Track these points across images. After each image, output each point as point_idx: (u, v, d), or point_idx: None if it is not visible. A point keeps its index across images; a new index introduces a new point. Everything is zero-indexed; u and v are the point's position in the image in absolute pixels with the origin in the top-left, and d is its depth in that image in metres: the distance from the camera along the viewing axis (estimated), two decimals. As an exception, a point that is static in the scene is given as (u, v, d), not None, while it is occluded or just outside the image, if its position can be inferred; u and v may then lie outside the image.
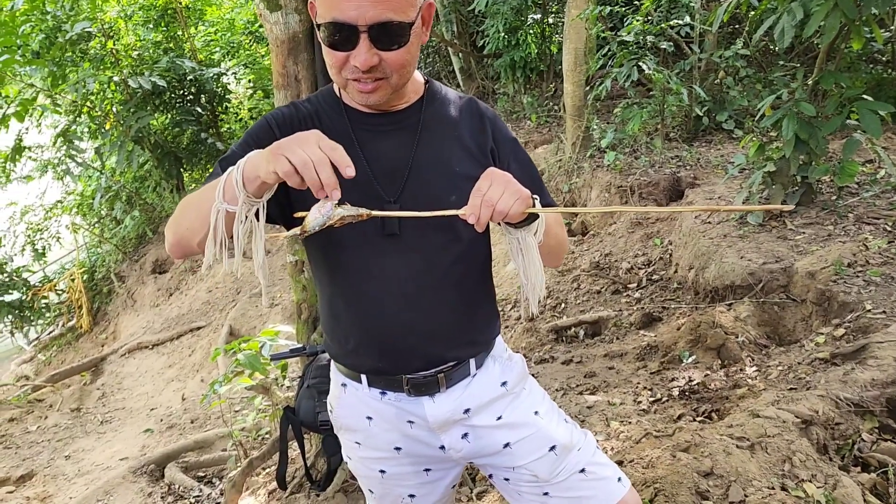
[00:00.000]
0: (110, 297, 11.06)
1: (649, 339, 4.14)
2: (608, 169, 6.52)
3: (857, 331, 3.16)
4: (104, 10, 9.52)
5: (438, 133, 1.41)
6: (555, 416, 1.55)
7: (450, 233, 1.39)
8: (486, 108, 1.50)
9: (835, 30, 3.64)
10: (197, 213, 1.21)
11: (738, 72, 6.76)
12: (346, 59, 1.22)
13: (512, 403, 1.52)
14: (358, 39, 1.18)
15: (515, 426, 1.49)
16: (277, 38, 2.62)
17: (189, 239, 1.25)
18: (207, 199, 1.17)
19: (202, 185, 1.28)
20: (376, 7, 1.16)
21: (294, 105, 1.43)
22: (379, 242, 1.36)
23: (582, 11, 6.25)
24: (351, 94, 1.30)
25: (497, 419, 1.49)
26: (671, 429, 2.67)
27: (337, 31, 1.19)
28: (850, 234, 4.05)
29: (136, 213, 11.25)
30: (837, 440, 2.50)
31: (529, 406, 1.53)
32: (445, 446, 1.50)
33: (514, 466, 1.50)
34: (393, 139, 1.38)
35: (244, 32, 12.13)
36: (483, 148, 1.43)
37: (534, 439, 1.49)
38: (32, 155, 10.69)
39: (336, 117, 1.38)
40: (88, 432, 6.53)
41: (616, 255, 5.62)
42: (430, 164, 1.38)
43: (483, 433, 1.49)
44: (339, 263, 1.40)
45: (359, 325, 1.43)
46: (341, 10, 1.16)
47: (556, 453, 1.48)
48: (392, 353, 1.43)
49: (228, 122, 11.92)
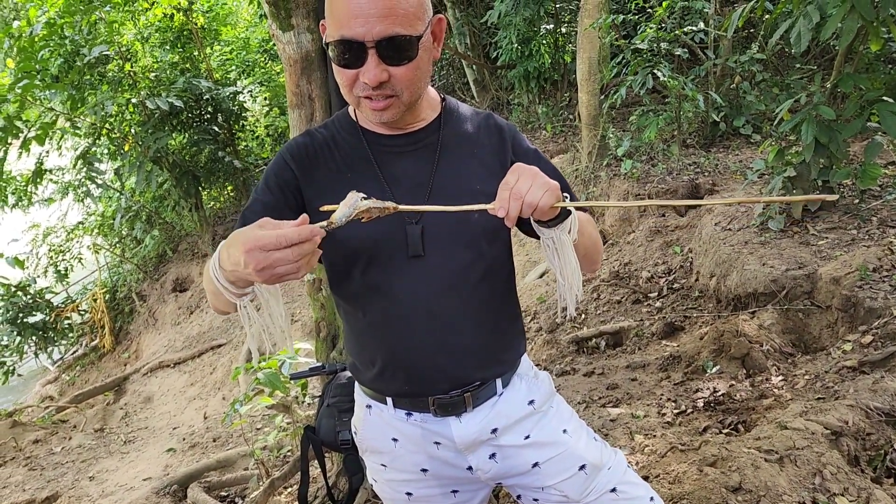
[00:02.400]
0: (132, 316, 11.16)
1: (672, 349, 4.09)
2: (625, 177, 6.48)
3: (884, 337, 3.10)
4: (121, 33, 9.64)
5: (458, 152, 1.40)
6: (583, 434, 1.52)
7: (474, 251, 1.37)
8: (503, 121, 1.48)
9: (852, 32, 3.59)
10: (218, 299, 1.21)
11: (754, 76, 6.70)
12: (356, 76, 1.21)
13: (540, 422, 1.49)
14: (366, 56, 1.18)
15: (544, 445, 1.47)
16: (290, 58, 2.62)
17: (224, 309, 1.26)
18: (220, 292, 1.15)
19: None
20: (383, 22, 1.15)
21: (309, 133, 1.42)
22: (404, 264, 1.34)
23: (595, 21, 6.24)
24: (364, 113, 1.30)
25: (525, 438, 1.47)
26: (697, 442, 2.62)
27: (346, 49, 1.18)
28: (875, 237, 3.98)
29: (156, 233, 11.35)
30: (869, 451, 2.44)
31: (558, 424, 1.50)
32: (473, 467, 1.48)
33: (543, 486, 1.47)
34: (412, 160, 1.37)
35: (259, 51, 12.24)
36: (504, 163, 1.41)
37: (563, 458, 1.46)
38: (53, 178, 10.84)
39: (353, 141, 1.38)
40: (112, 452, 6.56)
41: (636, 263, 5.57)
42: (450, 183, 1.36)
43: (511, 453, 1.47)
44: (364, 287, 1.39)
45: (385, 349, 1.41)
46: (349, 27, 1.16)
47: (586, 472, 1.45)
48: (419, 375, 1.41)
49: (245, 139, 12.02)
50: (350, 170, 1.36)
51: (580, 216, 1.31)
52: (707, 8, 6.78)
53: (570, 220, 1.25)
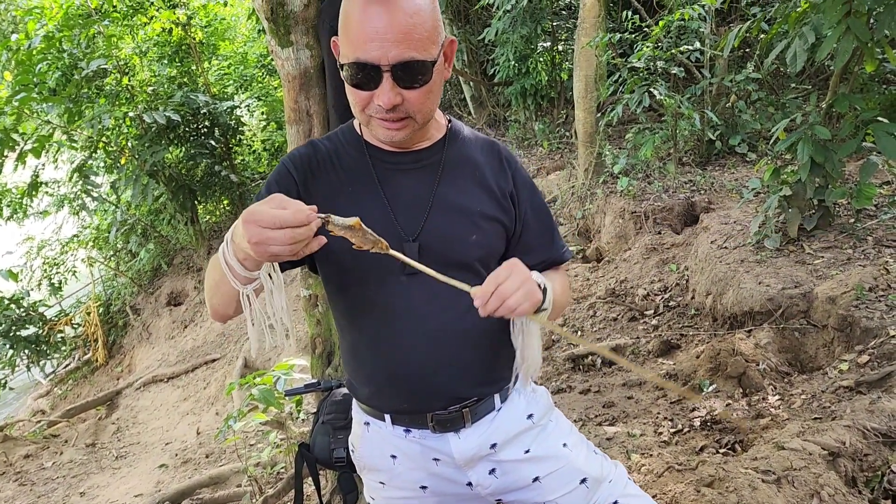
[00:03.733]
0: (126, 329, 11.10)
1: (668, 368, 4.07)
2: (621, 195, 6.49)
3: (881, 357, 3.10)
4: (120, 47, 9.68)
5: (460, 172, 1.41)
6: (583, 448, 1.53)
7: (471, 270, 1.38)
8: (507, 151, 1.50)
9: (848, 53, 3.61)
10: (219, 293, 1.23)
11: (749, 95, 6.74)
12: (370, 98, 1.22)
13: (539, 436, 1.49)
14: (381, 79, 1.19)
15: (544, 459, 1.47)
16: (289, 74, 2.63)
17: (224, 310, 1.27)
18: (222, 281, 1.18)
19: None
20: (399, 47, 1.16)
21: (312, 144, 1.42)
22: (401, 282, 1.35)
23: (591, 39, 6.28)
24: (375, 132, 1.30)
25: (525, 452, 1.47)
26: (694, 462, 2.61)
27: (360, 71, 1.19)
28: (870, 257, 3.99)
29: (152, 246, 11.32)
30: (866, 472, 2.43)
31: (557, 438, 1.51)
32: (473, 483, 1.47)
33: (544, 501, 1.47)
34: (414, 178, 1.38)
35: (257, 66, 12.27)
36: (503, 190, 1.43)
37: (563, 473, 1.46)
38: (49, 190, 10.81)
39: (356, 155, 1.38)
40: (103, 468, 6.50)
41: (632, 281, 5.56)
42: (450, 202, 1.37)
43: (511, 468, 1.47)
44: (362, 304, 1.39)
45: (383, 366, 1.41)
46: (364, 50, 1.17)
47: (587, 486, 1.45)
48: (417, 392, 1.41)
49: (242, 153, 12.02)
50: (351, 184, 1.36)
51: (555, 289, 1.36)
52: (703, 27, 6.82)
53: (543, 314, 1.29)
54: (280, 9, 2.54)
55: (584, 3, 6.40)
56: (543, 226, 1.49)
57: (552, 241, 1.51)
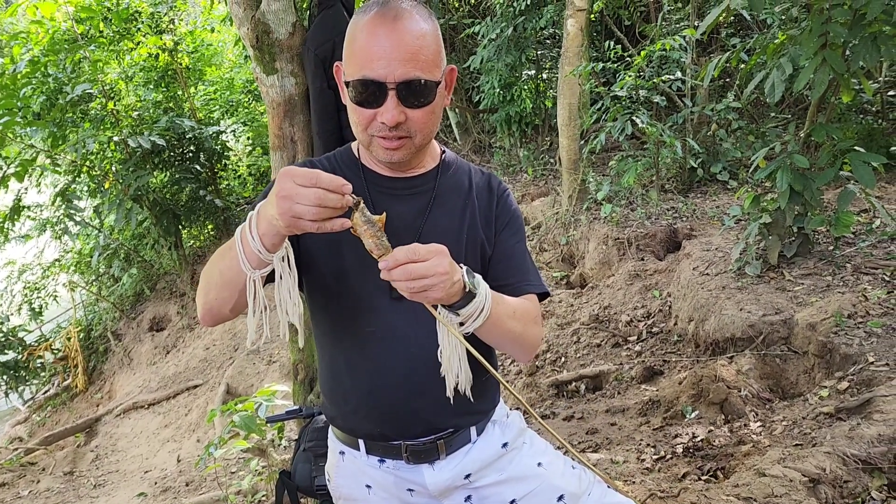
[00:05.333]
0: (106, 355, 10.95)
1: (651, 394, 4.08)
2: (605, 221, 6.54)
3: (860, 384, 3.12)
4: (105, 71, 9.67)
5: (451, 200, 1.43)
6: (560, 464, 1.54)
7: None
8: (498, 182, 1.53)
9: (824, 84, 3.69)
10: (222, 282, 1.21)
11: (730, 124, 6.85)
12: (374, 116, 1.24)
13: (514, 459, 1.51)
14: (386, 96, 1.21)
15: (520, 480, 1.48)
16: (274, 101, 2.65)
17: (220, 308, 1.25)
18: (229, 267, 1.18)
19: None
20: (405, 66, 1.19)
21: (311, 162, 1.44)
22: (386, 305, 1.36)
23: (575, 68, 6.36)
24: (375, 152, 1.31)
25: (500, 475, 1.48)
26: (676, 489, 2.61)
27: (366, 89, 1.21)
28: (849, 284, 4.04)
29: (134, 271, 11.22)
30: (846, 499, 2.44)
31: (532, 459, 1.52)
32: None
33: None
34: (407, 203, 1.40)
35: (243, 91, 12.31)
36: (489, 217, 1.46)
37: (540, 492, 1.47)
38: (31, 214, 10.72)
39: (352, 177, 1.38)
40: (81, 497, 6.38)
41: (615, 307, 5.59)
42: (441, 229, 1.39)
43: (487, 492, 1.48)
44: (345, 325, 1.40)
45: (361, 388, 1.41)
46: (371, 68, 1.19)
47: (564, 502, 1.46)
48: (394, 417, 1.41)
49: (227, 178, 12.00)
50: None
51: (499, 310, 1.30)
52: (684, 58, 6.94)
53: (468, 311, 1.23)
54: (265, 37, 2.56)
55: (568, 32, 6.50)
56: (518, 254, 1.48)
57: (525, 269, 1.48)
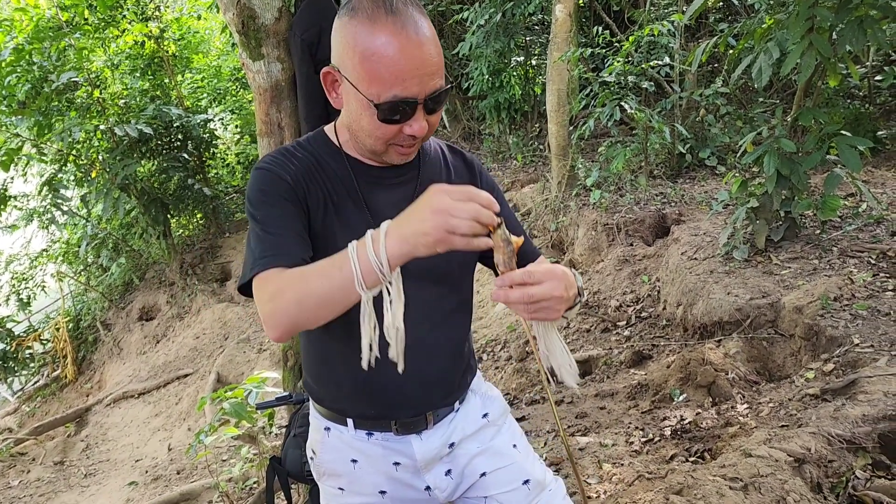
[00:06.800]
0: (96, 345, 10.92)
1: (640, 378, 4.11)
2: (594, 207, 6.56)
3: (845, 365, 3.15)
4: (91, 59, 9.58)
5: None
6: (531, 453, 1.61)
7: (448, 283, 1.43)
8: (471, 156, 1.56)
9: (811, 68, 3.70)
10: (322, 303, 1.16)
11: (718, 109, 6.87)
12: (400, 129, 1.24)
13: (495, 436, 1.56)
14: (415, 111, 1.22)
15: (494, 455, 1.53)
16: (260, 87, 2.64)
17: (309, 324, 1.20)
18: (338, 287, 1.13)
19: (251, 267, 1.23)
20: (433, 79, 1.20)
21: (286, 150, 1.39)
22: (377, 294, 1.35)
23: (564, 53, 6.35)
24: (387, 158, 1.32)
25: (479, 447, 1.53)
26: (664, 470, 2.63)
27: (397, 108, 1.21)
28: (835, 267, 4.07)
29: (123, 260, 11.17)
30: (831, 478, 2.47)
31: (509, 439, 1.58)
32: (431, 486, 1.51)
33: (486, 496, 1.53)
34: (394, 193, 1.39)
35: (231, 79, 12.23)
36: None
37: (509, 470, 1.52)
38: (18, 204, 10.64)
39: (337, 166, 1.38)
40: (72, 486, 6.38)
41: (604, 292, 5.61)
42: None
43: (465, 463, 1.52)
44: None
45: (351, 374, 1.41)
46: (405, 87, 1.18)
47: (528, 488, 1.51)
48: (385, 400, 1.43)
49: (216, 167, 11.96)
50: (334, 195, 1.35)
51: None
52: (672, 43, 6.95)
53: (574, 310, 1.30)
54: (251, 22, 2.55)
55: (556, 18, 6.48)
56: (513, 220, 1.51)
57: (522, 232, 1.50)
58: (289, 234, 1.25)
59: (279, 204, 1.28)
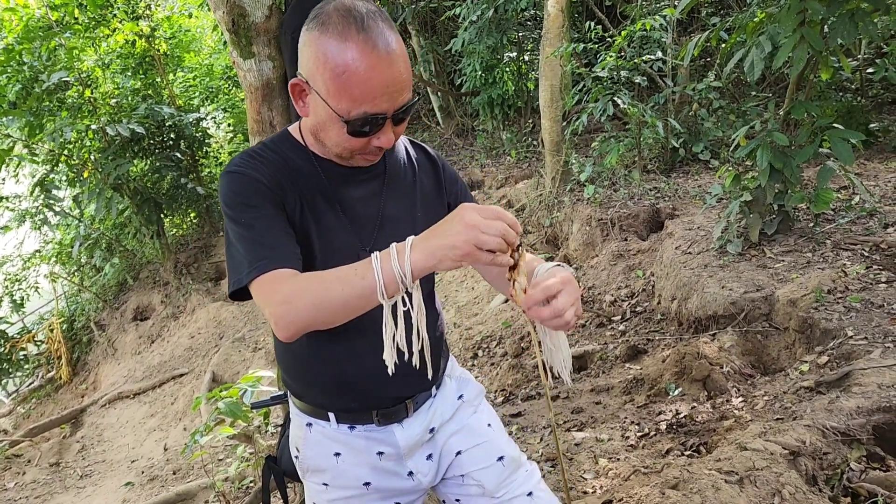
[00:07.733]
0: (90, 346, 10.88)
1: (635, 372, 4.12)
2: (588, 202, 6.56)
3: (840, 358, 3.16)
4: (81, 59, 9.53)
5: (401, 181, 1.49)
6: (505, 433, 1.67)
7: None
8: (434, 152, 1.61)
9: (803, 61, 3.70)
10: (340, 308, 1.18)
11: (711, 103, 6.87)
12: (368, 141, 1.27)
13: (471, 416, 1.62)
14: (384, 124, 1.25)
15: (470, 433, 1.58)
16: (251, 85, 2.62)
17: (324, 326, 1.22)
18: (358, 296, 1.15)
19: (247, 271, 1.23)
20: (403, 94, 1.23)
21: (254, 152, 1.38)
22: None
23: (556, 49, 6.35)
24: (353, 162, 1.36)
25: (456, 426, 1.59)
26: (659, 465, 2.64)
27: (367, 123, 1.23)
28: (829, 260, 4.08)
29: (116, 261, 11.13)
30: (826, 470, 2.48)
31: (485, 419, 1.63)
32: (413, 472, 1.54)
33: (462, 474, 1.56)
34: (362, 188, 1.42)
35: (223, 77, 12.18)
36: (439, 189, 1.55)
37: (484, 448, 1.57)
38: (10, 205, 10.60)
39: (306, 166, 1.39)
40: (68, 487, 6.36)
41: (599, 287, 5.62)
42: (397, 212, 1.44)
43: (442, 445, 1.57)
44: None
45: (331, 369, 1.45)
46: (374, 104, 1.21)
47: (503, 464, 1.55)
48: (365, 394, 1.47)
49: (209, 166, 11.91)
50: (307, 191, 1.36)
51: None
52: (665, 37, 6.94)
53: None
54: (241, 20, 2.54)
55: (549, 13, 6.47)
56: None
57: None
58: (279, 235, 1.27)
59: (260, 205, 1.28)
